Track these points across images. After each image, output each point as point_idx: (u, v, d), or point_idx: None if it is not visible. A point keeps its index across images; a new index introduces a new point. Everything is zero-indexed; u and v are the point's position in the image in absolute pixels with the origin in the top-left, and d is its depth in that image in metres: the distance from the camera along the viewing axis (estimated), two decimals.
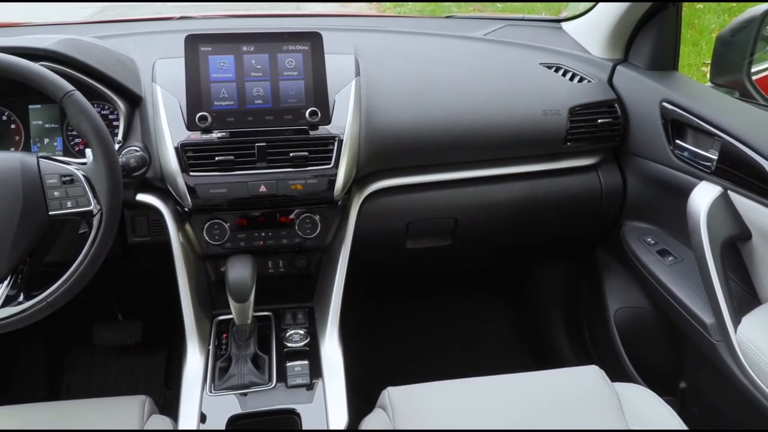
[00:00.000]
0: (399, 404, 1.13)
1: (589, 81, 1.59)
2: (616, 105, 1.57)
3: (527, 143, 1.52)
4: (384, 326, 2.10)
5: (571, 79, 1.59)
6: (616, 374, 1.26)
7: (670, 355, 1.59)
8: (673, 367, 1.58)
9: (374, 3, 7.69)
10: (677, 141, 1.44)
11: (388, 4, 7.38)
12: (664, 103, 1.45)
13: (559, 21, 1.91)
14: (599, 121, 1.55)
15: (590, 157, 1.61)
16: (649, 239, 1.56)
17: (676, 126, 1.44)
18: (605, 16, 1.63)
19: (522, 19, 1.96)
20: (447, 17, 2.07)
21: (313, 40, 1.33)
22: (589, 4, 1.75)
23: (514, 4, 6.43)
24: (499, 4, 6.56)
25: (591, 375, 1.20)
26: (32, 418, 1.11)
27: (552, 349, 2.04)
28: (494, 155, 1.53)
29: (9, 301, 1.05)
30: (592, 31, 1.71)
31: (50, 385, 1.94)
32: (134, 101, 1.37)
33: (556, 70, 1.61)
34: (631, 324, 1.68)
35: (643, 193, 1.59)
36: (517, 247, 1.87)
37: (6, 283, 1.05)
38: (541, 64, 1.62)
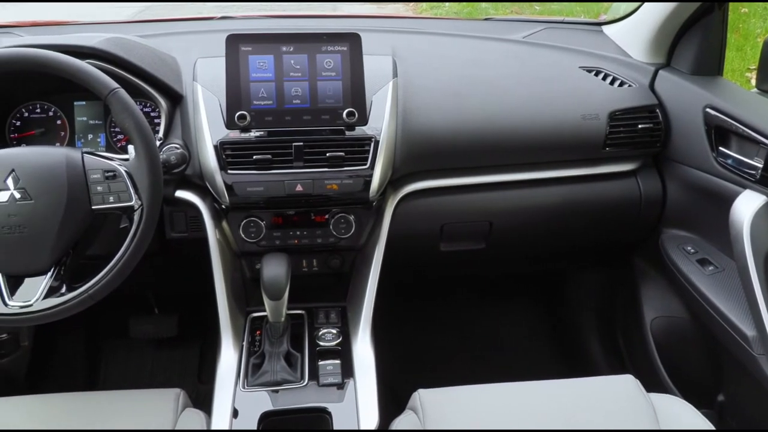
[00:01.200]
0: (430, 407, 1.13)
1: (630, 85, 1.56)
2: (657, 110, 1.54)
3: (565, 147, 1.50)
4: (415, 328, 2.10)
5: (612, 83, 1.57)
6: (652, 384, 1.23)
7: (707, 366, 1.55)
8: (710, 379, 1.54)
9: (410, 5, 7.69)
10: (720, 148, 1.40)
11: (424, 5, 7.37)
12: (708, 109, 1.42)
13: (599, 24, 1.88)
14: (640, 126, 1.52)
15: (629, 163, 1.58)
16: (689, 248, 1.53)
17: (719, 133, 1.40)
18: (648, 19, 1.61)
19: (562, 22, 1.94)
20: (485, 19, 2.06)
21: (352, 41, 1.34)
22: (630, 8, 1.72)
23: (552, 6, 6.36)
24: (537, 6, 6.50)
25: (626, 384, 1.18)
26: (71, 407, 1.14)
27: (585, 356, 2.01)
28: (531, 159, 1.51)
29: (52, 292, 1.08)
30: (634, 35, 1.68)
31: (88, 376, 1.98)
32: (175, 99, 1.39)
33: (596, 74, 1.59)
34: (668, 333, 1.65)
35: (684, 200, 1.56)
36: (552, 253, 1.85)
37: (50, 274, 1.08)
38: (580, 67, 1.60)
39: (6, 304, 1.06)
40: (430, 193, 1.48)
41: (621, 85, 1.56)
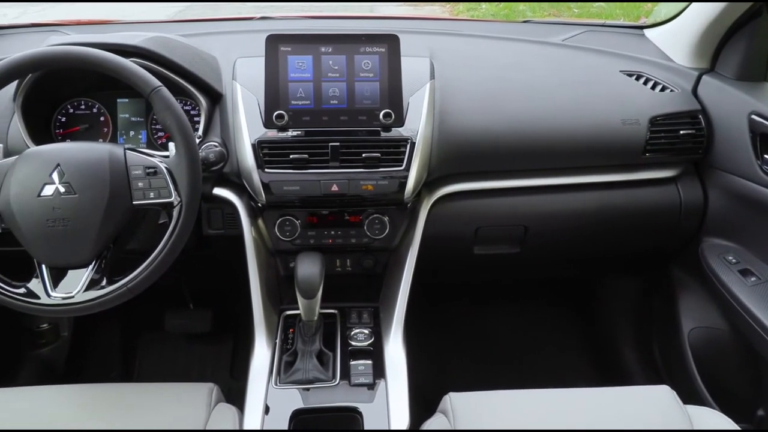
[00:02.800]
0: (461, 410, 1.12)
1: (672, 90, 1.53)
2: (700, 116, 1.51)
3: (603, 152, 1.48)
4: (446, 331, 2.09)
5: (653, 87, 1.54)
6: (689, 396, 1.20)
7: (747, 379, 1.51)
8: (750, 393, 1.50)
9: (447, 7, 7.66)
10: (766, 156, 1.37)
11: (461, 7, 7.34)
12: (753, 116, 1.38)
13: (641, 27, 1.85)
14: (681, 132, 1.49)
15: (670, 170, 1.55)
16: (731, 257, 1.49)
17: (765, 140, 1.37)
18: (692, 23, 1.57)
19: (602, 25, 1.91)
20: (524, 22, 2.04)
21: (390, 42, 1.34)
22: (672, 12, 1.69)
23: (591, 10, 6.28)
24: (575, 9, 6.42)
25: (662, 395, 1.15)
26: (108, 397, 1.16)
27: (618, 365, 1.98)
28: (568, 163, 1.49)
29: (93, 284, 1.11)
30: (677, 39, 1.65)
31: (124, 367, 2.02)
32: (215, 98, 1.41)
33: (637, 78, 1.56)
34: (706, 345, 1.61)
35: (726, 208, 1.52)
36: (588, 259, 1.82)
37: (91, 267, 1.11)
38: (621, 71, 1.57)
39: (49, 295, 1.09)
40: (465, 195, 1.48)
41: (663, 89, 1.53)
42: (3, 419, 1.09)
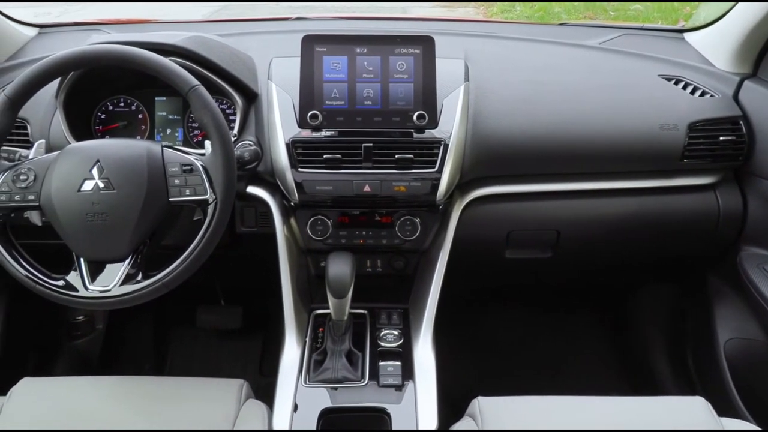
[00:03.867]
0: (489, 415, 1.11)
1: (712, 95, 1.50)
2: (741, 122, 1.47)
3: (640, 158, 1.45)
4: (475, 335, 2.08)
5: (693, 92, 1.51)
6: (723, 408, 1.17)
7: None
8: None
9: (481, 9, 7.63)
10: None
11: (495, 9, 7.30)
12: None
13: (680, 31, 1.81)
14: (721, 138, 1.46)
15: (708, 176, 1.52)
16: None
17: None
18: (734, 27, 1.54)
19: (641, 29, 1.88)
20: (560, 25, 2.02)
21: (425, 44, 1.34)
22: (713, 15, 1.65)
23: (627, 12, 6.19)
24: (611, 12, 6.33)
25: (696, 406, 1.13)
26: (141, 390, 1.18)
27: (650, 374, 1.94)
28: (603, 168, 1.47)
29: (129, 279, 1.13)
30: (718, 43, 1.61)
31: (156, 360, 2.06)
32: (251, 97, 1.43)
33: (676, 83, 1.53)
34: (743, 356, 1.57)
35: (767, 217, 1.48)
36: (621, 265, 1.80)
37: (127, 262, 1.13)
38: (659, 75, 1.55)
39: (87, 288, 1.11)
40: (497, 198, 1.47)
41: (702, 95, 1.50)
42: (41, 407, 1.12)
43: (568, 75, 1.52)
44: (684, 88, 1.52)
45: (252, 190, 1.40)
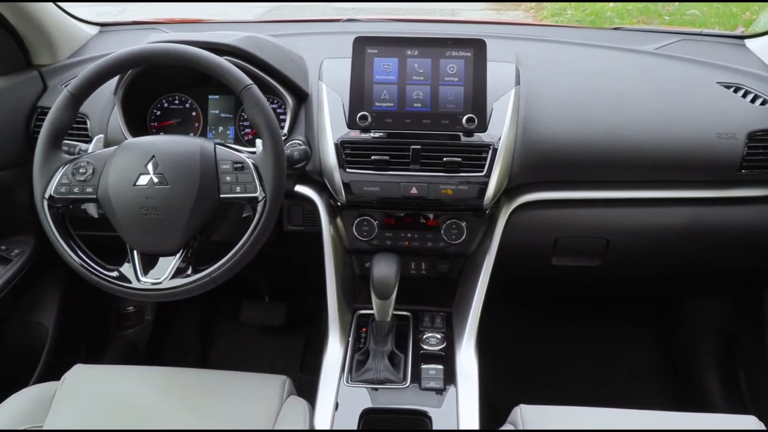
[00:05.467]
0: (531, 424, 1.10)
1: None
2: None
3: (695, 167, 1.41)
4: (518, 342, 2.05)
5: (753, 101, 1.46)
6: None
7: None
8: None
9: (531, 12, 7.54)
10: None
11: (545, 12, 7.21)
12: None
13: (741, 38, 1.76)
14: None
15: (767, 188, 1.47)
16: None
17: None
18: None
19: (699, 34, 1.83)
20: (614, 29, 1.98)
21: (477, 47, 1.33)
22: None
23: (684, 17, 6.03)
24: (666, 17, 6.18)
25: (748, 425, 1.09)
26: (187, 381, 1.21)
27: (698, 390, 1.88)
28: (657, 177, 1.44)
29: (179, 272, 1.15)
30: None
31: (200, 353, 2.10)
32: (301, 97, 1.45)
33: (736, 91, 1.48)
34: None
35: None
36: (671, 277, 1.75)
37: (178, 256, 1.16)
38: (718, 83, 1.50)
39: (139, 280, 1.15)
40: (545, 205, 1.45)
41: (763, 103, 1.45)
42: (92, 394, 1.16)
43: (623, 81, 1.49)
44: (744, 96, 1.47)
45: (300, 189, 1.41)
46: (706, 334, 1.91)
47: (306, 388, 1.31)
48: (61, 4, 1.64)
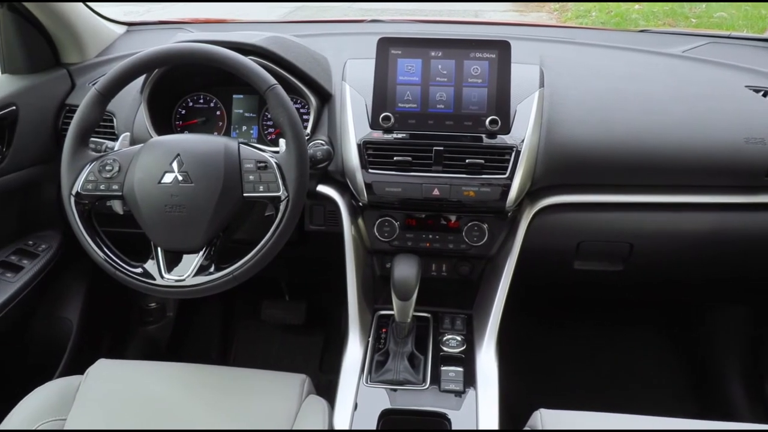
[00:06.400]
0: (551, 428, 1.09)
1: None
2: None
3: (722, 172, 1.39)
4: (537, 345, 2.04)
5: None
6: None
7: None
8: None
9: (554, 14, 7.49)
10: None
11: (569, 14, 7.16)
12: None
13: None
14: None
15: None
16: None
17: None
18: None
19: (728, 37, 1.80)
20: (641, 31, 1.96)
21: (501, 48, 1.32)
22: None
23: (712, 19, 5.94)
24: (693, 20, 6.10)
25: None
26: (207, 378, 1.22)
27: (722, 398, 1.85)
28: (682, 181, 1.42)
29: (202, 270, 1.16)
30: None
31: (221, 350, 2.12)
32: (325, 97, 1.45)
33: (765, 95, 1.46)
34: None
35: None
36: (696, 283, 1.72)
37: (201, 253, 1.17)
38: (746, 86, 1.47)
39: (162, 277, 1.16)
40: (568, 208, 1.44)
41: None
42: (115, 388, 1.17)
43: (649, 84, 1.47)
44: None
45: (322, 189, 1.42)
46: (730, 341, 1.88)
47: (325, 387, 1.31)
48: (90, 3, 1.67)
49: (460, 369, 1.29)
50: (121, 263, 1.18)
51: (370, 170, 1.34)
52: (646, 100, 1.43)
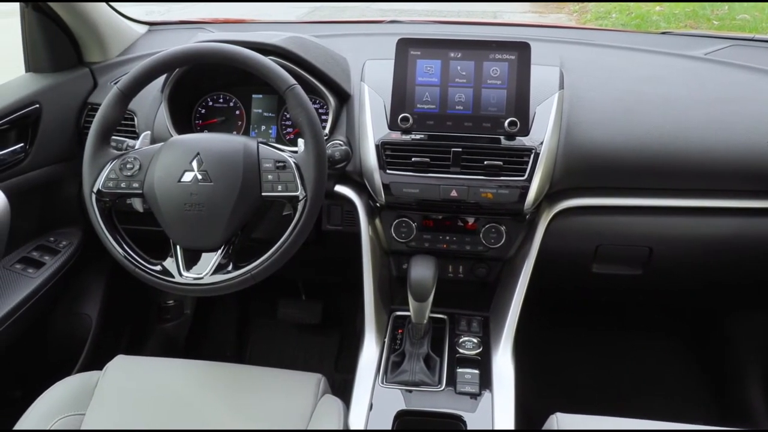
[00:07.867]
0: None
1: None
2: None
3: (744, 176, 1.37)
4: (554, 349, 2.02)
5: None
6: None
7: None
8: None
9: (574, 15, 7.44)
10: None
11: (589, 15, 7.10)
12: None
13: None
14: None
15: None
16: None
17: None
18: None
19: (751, 39, 1.78)
20: (662, 33, 1.94)
21: (521, 50, 1.32)
22: None
23: (734, 22, 5.86)
24: (715, 22, 6.02)
25: None
26: (224, 376, 1.22)
27: (741, 405, 1.83)
28: (703, 185, 1.40)
29: (220, 268, 1.17)
30: None
31: (237, 348, 2.13)
32: (343, 98, 1.45)
33: None
34: None
35: None
36: (717, 289, 1.70)
37: (220, 252, 1.17)
38: None
39: (181, 275, 1.17)
40: (587, 211, 1.42)
41: None
42: (133, 384, 1.18)
43: (671, 86, 1.45)
44: None
45: (340, 189, 1.42)
46: (752, 348, 1.86)
47: (340, 386, 1.31)
48: (112, 3, 1.69)
49: (476, 371, 1.29)
50: (140, 261, 1.19)
51: (388, 171, 1.34)
52: (667, 102, 1.41)
